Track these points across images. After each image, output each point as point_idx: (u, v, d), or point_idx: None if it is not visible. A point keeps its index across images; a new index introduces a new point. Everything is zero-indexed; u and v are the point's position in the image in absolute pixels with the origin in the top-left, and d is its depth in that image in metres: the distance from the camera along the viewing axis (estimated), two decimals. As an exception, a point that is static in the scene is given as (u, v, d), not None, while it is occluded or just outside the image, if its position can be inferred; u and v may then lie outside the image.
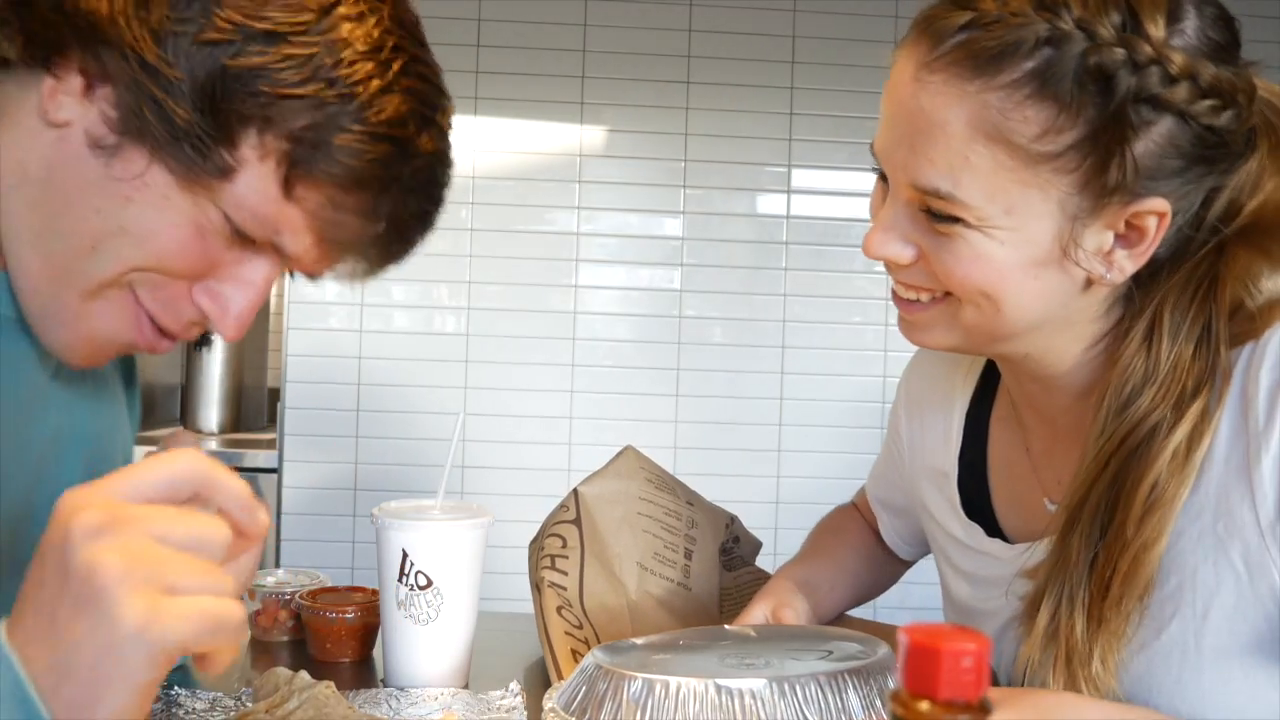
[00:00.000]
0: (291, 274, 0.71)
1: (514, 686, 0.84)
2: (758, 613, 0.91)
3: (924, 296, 0.74)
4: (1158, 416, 0.68)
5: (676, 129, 2.22)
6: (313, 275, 0.71)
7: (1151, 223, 0.68)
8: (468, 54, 2.19)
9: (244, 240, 0.65)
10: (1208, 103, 0.65)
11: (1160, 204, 0.67)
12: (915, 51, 0.69)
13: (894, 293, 0.77)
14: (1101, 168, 0.66)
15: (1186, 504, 0.68)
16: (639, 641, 0.78)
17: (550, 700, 0.74)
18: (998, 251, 0.68)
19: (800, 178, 2.24)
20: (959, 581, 0.89)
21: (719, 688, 0.64)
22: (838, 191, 2.24)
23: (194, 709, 0.79)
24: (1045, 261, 0.69)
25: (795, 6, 2.22)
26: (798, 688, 0.64)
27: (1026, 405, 0.83)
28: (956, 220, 0.68)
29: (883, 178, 0.74)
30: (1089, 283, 0.71)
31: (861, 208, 0.78)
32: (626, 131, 2.22)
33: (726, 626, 0.84)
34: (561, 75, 2.20)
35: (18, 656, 0.46)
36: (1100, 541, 0.70)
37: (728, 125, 2.22)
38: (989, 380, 0.90)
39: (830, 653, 0.71)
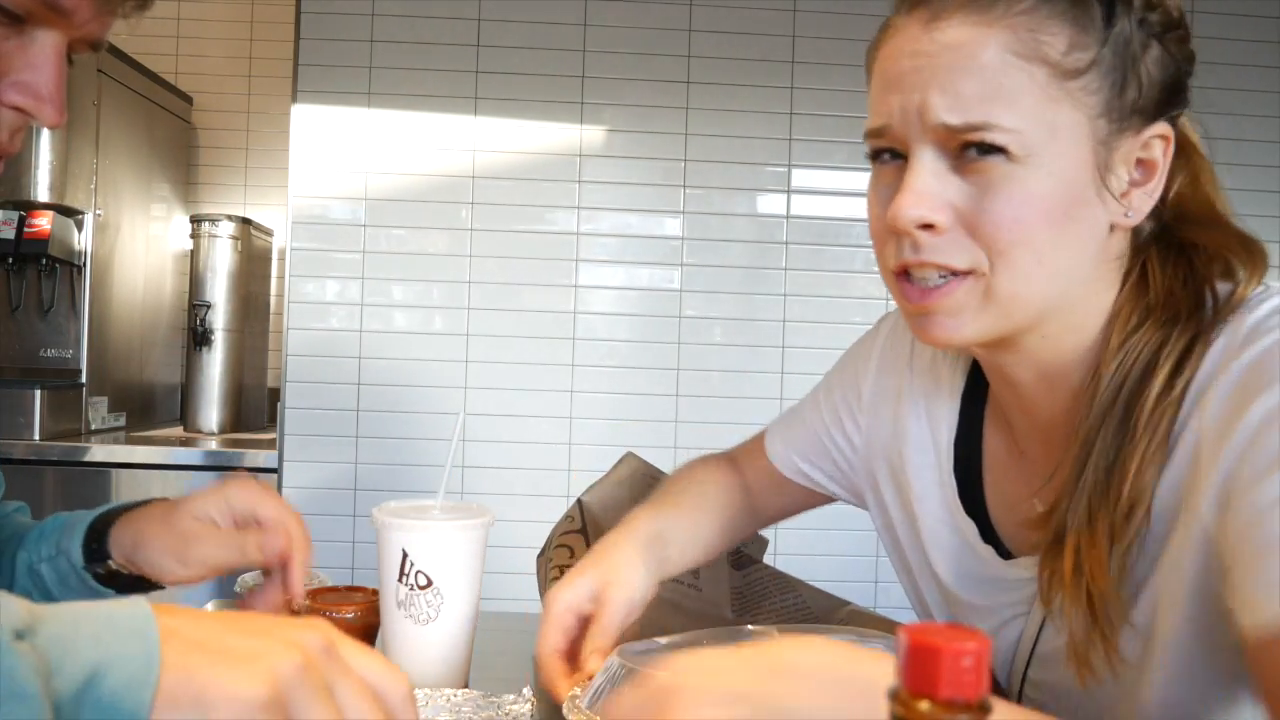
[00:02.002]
0: (70, 59, 0.69)
1: (526, 692, 0.84)
2: (582, 586, 0.83)
3: (960, 263, 0.69)
4: (1160, 336, 0.70)
5: (676, 129, 2.22)
6: (97, 40, 0.69)
7: (1158, 149, 0.70)
8: (468, 54, 2.19)
9: (12, 19, 0.64)
10: (1176, 33, 0.70)
11: (1164, 127, 0.70)
12: (914, 16, 0.70)
13: (908, 284, 0.72)
14: (1120, 88, 0.68)
15: (1164, 516, 0.68)
16: (662, 641, 0.77)
17: (573, 701, 0.74)
18: (1043, 185, 0.67)
19: (800, 178, 2.24)
20: (950, 572, 0.87)
21: None
22: (837, 191, 2.24)
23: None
24: (1082, 199, 0.69)
25: (795, 6, 2.22)
26: None
27: (1023, 412, 0.81)
28: (998, 151, 0.67)
29: (881, 158, 0.73)
30: (1111, 229, 0.71)
31: (862, 207, 0.77)
32: (626, 131, 2.22)
33: (750, 626, 0.83)
34: (561, 75, 2.20)
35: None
36: (1116, 453, 0.70)
37: (728, 125, 2.23)
38: (975, 378, 0.88)
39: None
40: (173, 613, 0.48)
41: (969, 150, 0.68)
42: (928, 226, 0.69)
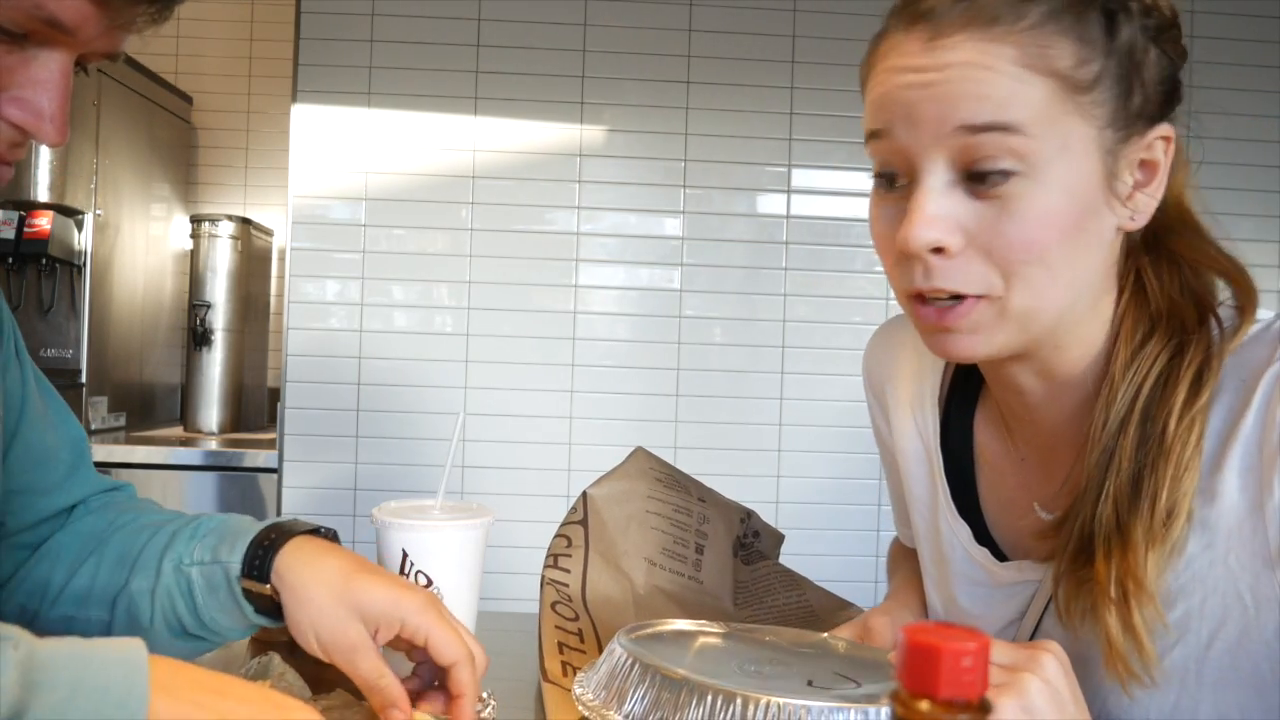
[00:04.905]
0: (84, 68, 0.67)
1: (485, 696, 0.83)
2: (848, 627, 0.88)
3: (972, 288, 0.69)
4: (1173, 347, 0.71)
5: (676, 129, 2.22)
6: (112, 53, 0.67)
7: (1159, 149, 0.71)
8: (468, 54, 2.19)
9: (14, 38, 0.62)
10: (1172, 32, 0.71)
11: (1165, 128, 0.71)
12: (913, 35, 0.68)
13: (923, 307, 0.71)
14: (1126, 96, 0.68)
15: (1198, 533, 0.68)
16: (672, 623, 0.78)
17: (579, 683, 0.76)
18: (1056, 201, 0.67)
19: (800, 178, 2.24)
20: (954, 582, 0.86)
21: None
22: (837, 191, 2.24)
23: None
24: (1092, 209, 0.69)
25: (795, 6, 2.22)
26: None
27: (1028, 419, 0.80)
28: (1010, 175, 0.66)
29: (882, 182, 0.72)
30: (1115, 232, 0.72)
31: (862, 207, 0.76)
32: (626, 131, 2.22)
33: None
34: (561, 75, 2.20)
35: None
36: (1145, 461, 0.69)
37: (728, 125, 2.23)
38: (960, 380, 0.88)
39: (858, 684, 0.68)
40: (167, 689, 0.52)
41: (981, 169, 0.66)
42: (939, 250, 0.68)
